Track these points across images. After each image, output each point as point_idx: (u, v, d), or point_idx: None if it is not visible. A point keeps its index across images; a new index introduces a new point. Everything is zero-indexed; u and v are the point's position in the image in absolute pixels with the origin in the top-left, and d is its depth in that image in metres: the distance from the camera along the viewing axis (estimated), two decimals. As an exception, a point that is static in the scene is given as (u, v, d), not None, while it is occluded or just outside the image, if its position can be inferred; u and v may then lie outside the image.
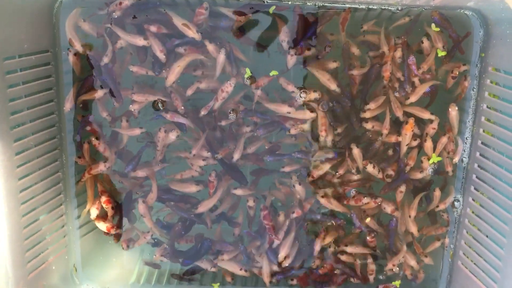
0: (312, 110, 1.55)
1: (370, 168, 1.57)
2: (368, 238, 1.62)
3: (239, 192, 1.62)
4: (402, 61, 1.53)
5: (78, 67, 1.54)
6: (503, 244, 1.38)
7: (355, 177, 1.61)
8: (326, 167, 1.59)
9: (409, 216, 1.60)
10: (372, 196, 1.59)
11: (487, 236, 1.47)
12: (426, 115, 1.55)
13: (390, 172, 1.58)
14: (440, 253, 1.66)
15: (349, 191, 1.61)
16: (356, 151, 1.56)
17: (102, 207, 1.61)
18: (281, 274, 1.66)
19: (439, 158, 1.57)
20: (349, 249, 1.64)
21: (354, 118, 1.57)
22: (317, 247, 1.64)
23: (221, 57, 1.51)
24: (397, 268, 1.65)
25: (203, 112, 1.55)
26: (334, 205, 1.61)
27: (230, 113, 1.56)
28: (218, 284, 1.69)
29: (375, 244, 1.64)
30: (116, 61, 1.53)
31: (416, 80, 1.53)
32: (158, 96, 1.54)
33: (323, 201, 1.61)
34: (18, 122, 1.39)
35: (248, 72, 1.53)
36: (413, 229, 1.61)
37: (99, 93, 1.54)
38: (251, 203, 1.62)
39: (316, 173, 1.60)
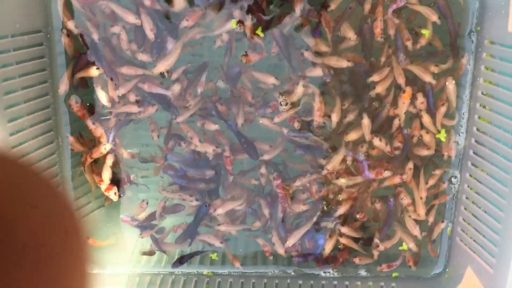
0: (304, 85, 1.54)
1: (377, 142, 1.54)
2: (358, 215, 1.63)
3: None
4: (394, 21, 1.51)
5: (71, 49, 1.53)
6: (501, 219, 1.37)
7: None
8: (339, 158, 1.57)
9: (421, 198, 1.59)
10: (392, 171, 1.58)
11: (485, 212, 1.46)
12: (427, 77, 1.52)
13: (398, 144, 1.56)
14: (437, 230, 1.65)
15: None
16: (366, 121, 1.53)
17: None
18: (301, 257, 1.66)
19: (444, 135, 1.56)
20: (343, 229, 1.63)
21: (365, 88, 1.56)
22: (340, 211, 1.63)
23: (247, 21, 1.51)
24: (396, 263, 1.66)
25: (199, 90, 1.54)
26: (354, 180, 1.60)
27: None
28: (216, 254, 1.69)
29: (367, 218, 1.63)
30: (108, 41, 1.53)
31: (409, 44, 1.51)
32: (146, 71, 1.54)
33: (342, 181, 1.60)
34: (12, 103, 1.39)
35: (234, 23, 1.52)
36: (422, 211, 1.59)
37: (95, 72, 1.52)
38: (263, 170, 1.61)
39: (330, 166, 1.58)
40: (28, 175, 0.47)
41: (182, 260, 1.68)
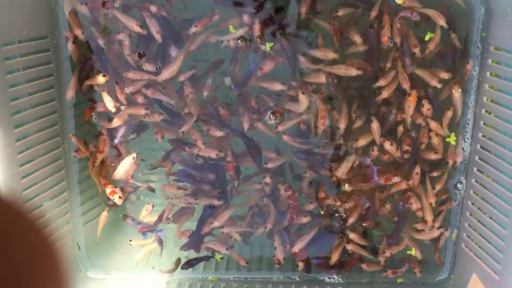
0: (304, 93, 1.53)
1: (387, 146, 1.54)
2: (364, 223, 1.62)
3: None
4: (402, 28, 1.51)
5: (77, 55, 1.54)
6: (506, 225, 1.37)
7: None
8: (348, 165, 1.57)
9: (430, 204, 1.58)
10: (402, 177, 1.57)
11: (490, 218, 1.46)
12: (433, 82, 1.51)
13: (406, 147, 1.56)
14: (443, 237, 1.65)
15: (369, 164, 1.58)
16: (375, 125, 1.53)
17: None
18: (319, 259, 1.66)
19: (454, 138, 1.56)
20: (352, 235, 1.63)
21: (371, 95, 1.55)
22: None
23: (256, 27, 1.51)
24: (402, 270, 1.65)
25: (205, 93, 1.55)
26: (360, 187, 1.60)
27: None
28: (220, 256, 1.69)
29: (372, 226, 1.63)
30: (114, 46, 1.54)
31: (417, 51, 1.50)
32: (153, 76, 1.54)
33: (347, 187, 1.59)
34: (18, 108, 1.40)
35: (232, 29, 1.52)
36: (429, 218, 1.59)
37: (101, 79, 1.53)
38: (267, 179, 1.61)
39: (340, 173, 1.58)
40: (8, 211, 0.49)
41: (191, 262, 1.67)
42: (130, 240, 1.68)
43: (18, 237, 0.48)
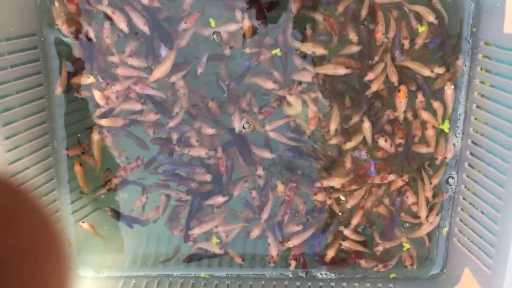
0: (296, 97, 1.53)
1: (382, 142, 1.53)
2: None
3: None
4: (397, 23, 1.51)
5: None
6: (497, 219, 1.37)
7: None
8: (337, 181, 1.57)
9: (427, 198, 1.59)
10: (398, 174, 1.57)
11: (482, 213, 1.46)
12: (426, 71, 1.51)
13: (399, 140, 1.55)
14: (435, 232, 1.65)
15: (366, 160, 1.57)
16: (367, 125, 1.52)
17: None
18: (319, 257, 1.66)
19: (447, 125, 1.56)
20: (346, 231, 1.63)
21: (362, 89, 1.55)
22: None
23: (246, 22, 1.49)
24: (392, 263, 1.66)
25: (200, 71, 1.53)
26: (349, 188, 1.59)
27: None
28: (217, 241, 1.67)
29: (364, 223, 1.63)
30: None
31: (406, 43, 1.50)
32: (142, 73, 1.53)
33: (342, 198, 1.60)
34: (7, 106, 1.38)
35: (212, 22, 1.51)
36: (423, 214, 1.59)
37: (87, 79, 1.53)
38: (260, 172, 1.60)
39: (326, 183, 1.57)
40: (6, 189, 0.49)
41: (193, 257, 1.68)
42: (83, 222, 1.66)
43: (17, 216, 0.48)
